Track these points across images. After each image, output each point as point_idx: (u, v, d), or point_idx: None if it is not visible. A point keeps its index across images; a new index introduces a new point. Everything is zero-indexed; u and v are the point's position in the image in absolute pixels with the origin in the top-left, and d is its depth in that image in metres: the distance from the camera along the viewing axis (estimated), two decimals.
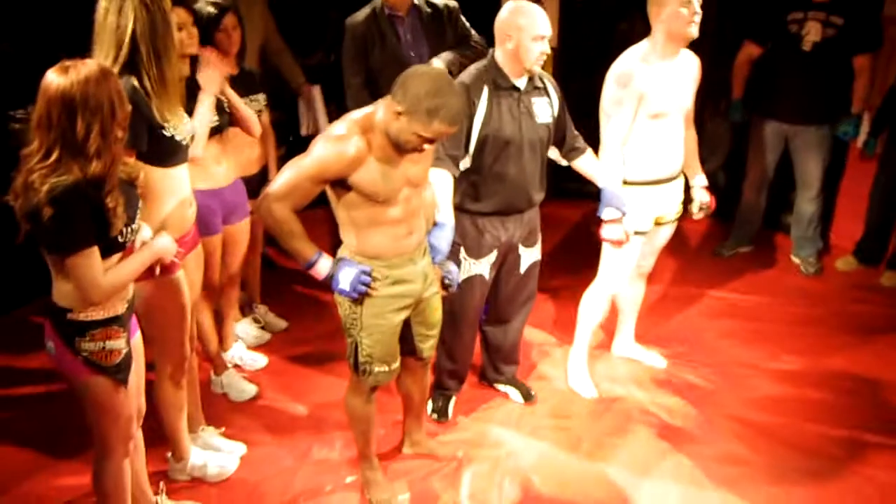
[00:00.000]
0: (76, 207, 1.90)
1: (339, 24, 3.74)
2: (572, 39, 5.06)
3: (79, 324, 2.05)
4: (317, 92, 4.09)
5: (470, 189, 2.84)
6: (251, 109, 3.23)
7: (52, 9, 6.31)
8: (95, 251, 1.97)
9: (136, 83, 2.27)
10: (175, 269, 2.50)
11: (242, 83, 3.22)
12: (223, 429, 3.04)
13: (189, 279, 2.61)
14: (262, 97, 3.35)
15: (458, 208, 2.83)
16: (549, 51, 2.71)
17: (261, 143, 3.45)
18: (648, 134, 2.97)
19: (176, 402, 2.68)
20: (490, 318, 3.18)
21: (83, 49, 2.26)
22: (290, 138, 4.35)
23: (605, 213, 2.92)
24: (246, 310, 3.81)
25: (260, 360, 3.55)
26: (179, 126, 2.42)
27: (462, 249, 2.90)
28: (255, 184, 3.26)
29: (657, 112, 2.94)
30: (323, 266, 2.34)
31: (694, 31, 2.85)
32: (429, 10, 3.54)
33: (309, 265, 2.34)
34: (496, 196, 2.83)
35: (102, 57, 2.25)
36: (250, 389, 3.33)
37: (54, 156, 1.90)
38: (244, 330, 3.70)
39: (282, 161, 3.50)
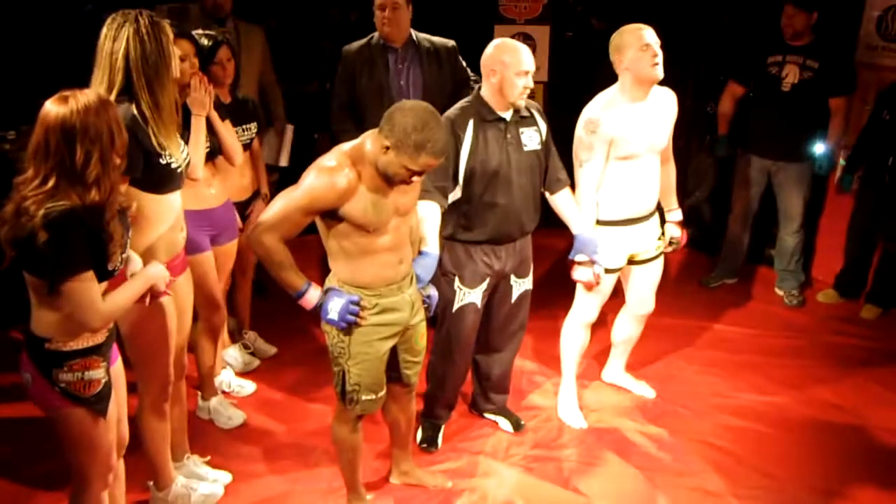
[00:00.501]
0: (73, 231, 1.89)
1: (334, 54, 3.81)
2: (562, 73, 5.16)
3: (57, 354, 2.02)
4: (290, 131, 4.17)
5: (462, 219, 2.87)
6: (243, 138, 3.29)
7: (46, 33, 6.33)
8: (92, 276, 1.95)
9: (134, 110, 2.30)
10: (162, 294, 2.51)
11: (235, 112, 3.28)
12: (208, 457, 3.01)
13: (179, 303, 2.61)
14: (254, 126, 3.40)
15: (452, 238, 2.87)
16: (532, 85, 2.76)
17: (252, 170, 3.48)
18: (619, 175, 3.02)
19: (159, 428, 2.64)
20: (481, 348, 3.19)
21: (81, 74, 2.30)
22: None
23: (577, 256, 3.00)
24: (235, 335, 3.80)
25: (248, 387, 3.54)
26: (176, 153, 2.43)
27: (457, 279, 2.93)
28: (246, 209, 3.29)
29: (627, 154, 2.99)
30: (312, 296, 2.36)
31: (658, 73, 2.91)
32: (427, 45, 3.62)
33: (298, 295, 2.36)
34: (487, 225, 2.87)
35: (98, 83, 2.28)
36: (237, 417, 3.31)
37: (51, 183, 1.89)
38: (233, 356, 3.68)
39: (275, 188, 3.54)
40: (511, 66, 2.72)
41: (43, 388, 2.04)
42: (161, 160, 2.37)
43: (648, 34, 2.91)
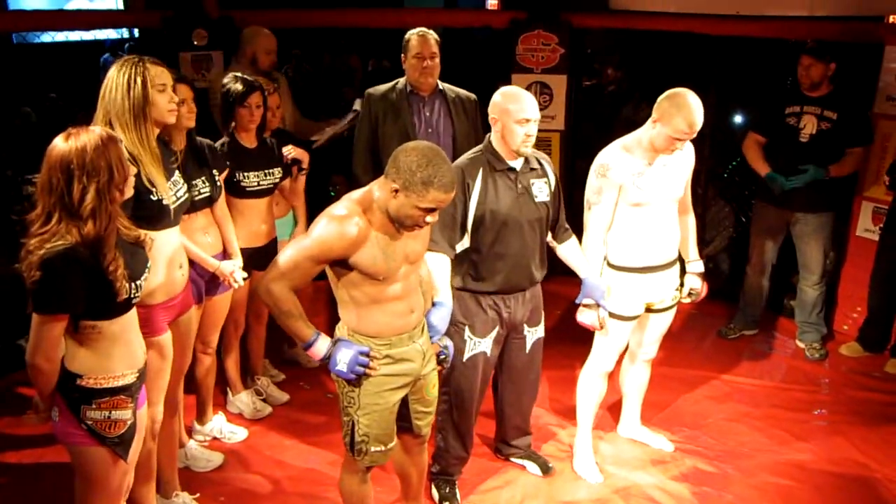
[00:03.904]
0: (66, 273, 1.94)
1: (352, 99, 3.87)
2: (579, 121, 5.20)
3: (88, 391, 2.06)
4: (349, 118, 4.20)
5: (471, 268, 2.86)
6: (265, 183, 3.35)
7: (73, 77, 6.52)
8: (61, 324, 1.99)
9: (124, 149, 2.37)
10: (161, 332, 2.54)
11: (258, 157, 3.36)
12: (197, 494, 2.99)
13: (179, 343, 2.64)
14: (277, 171, 3.43)
15: (461, 288, 2.86)
16: (534, 133, 2.75)
17: (270, 215, 3.49)
18: (634, 222, 3.00)
19: (144, 466, 2.59)
20: (500, 400, 3.17)
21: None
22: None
23: (584, 300, 2.98)
24: (248, 381, 3.77)
25: (239, 433, 3.50)
26: (165, 190, 2.52)
27: (466, 328, 2.90)
28: (262, 256, 3.30)
29: (638, 201, 2.97)
30: (321, 347, 2.33)
31: (678, 147, 2.90)
32: (453, 95, 3.68)
33: (307, 346, 2.34)
34: (498, 275, 2.85)
35: (96, 121, 2.43)
36: (216, 458, 3.29)
37: (54, 219, 1.96)
38: (244, 402, 3.65)
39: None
40: (511, 114, 2.72)
41: (69, 424, 2.07)
42: (151, 196, 2.48)
43: (698, 121, 2.83)
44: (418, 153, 2.22)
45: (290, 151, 3.52)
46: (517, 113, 2.72)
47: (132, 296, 2.10)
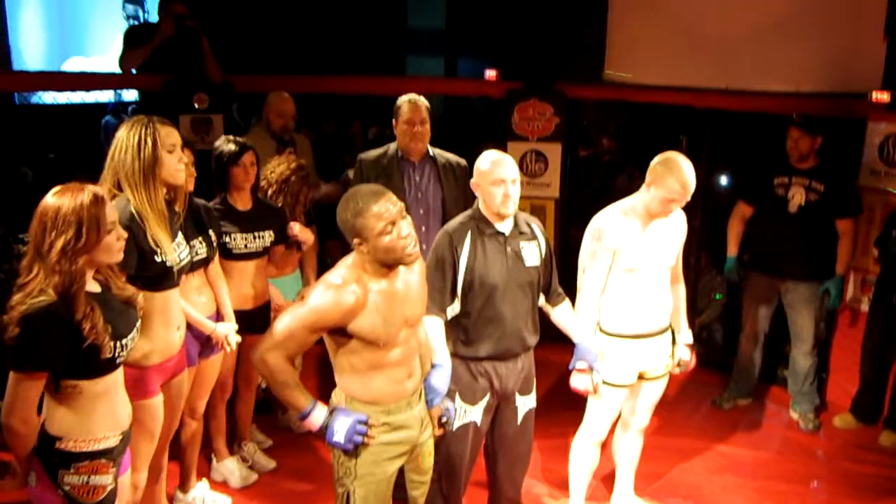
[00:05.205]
0: (44, 331, 1.92)
1: (351, 165, 3.94)
2: (574, 190, 5.27)
3: (66, 455, 2.00)
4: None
5: (462, 334, 2.84)
6: (254, 245, 3.37)
7: (73, 138, 6.60)
8: (39, 384, 1.96)
9: (132, 209, 2.42)
10: (153, 394, 2.51)
11: (250, 218, 3.38)
12: None
13: (169, 406, 2.61)
14: (268, 234, 3.44)
15: (452, 354, 2.82)
16: (514, 194, 2.75)
17: (263, 279, 3.50)
18: (627, 288, 3.02)
19: None
20: (491, 472, 3.10)
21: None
22: None
23: (578, 364, 2.96)
24: (234, 447, 3.69)
25: (221, 501, 3.39)
26: (169, 252, 2.53)
27: (458, 395, 2.87)
28: (249, 319, 3.29)
29: (632, 267, 2.99)
30: (317, 417, 2.28)
31: (672, 209, 2.94)
32: (443, 161, 3.75)
33: (303, 416, 2.29)
34: (489, 339, 2.83)
35: (103, 180, 2.46)
36: None
37: (34, 271, 1.96)
38: (230, 469, 3.56)
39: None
40: (486, 176, 2.75)
41: (46, 489, 2.01)
42: (156, 258, 2.48)
43: (691, 182, 2.88)
44: (341, 202, 2.28)
45: (295, 231, 3.56)
46: (492, 174, 2.74)
47: (117, 355, 2.07)
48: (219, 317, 3.11)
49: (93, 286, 2.09)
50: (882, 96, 4.12)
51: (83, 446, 2.02)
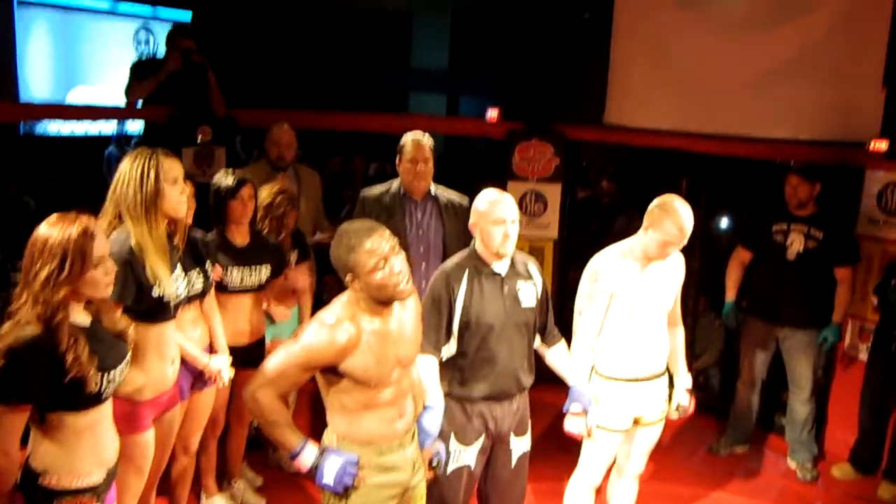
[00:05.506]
0: (29, 363, 1.90)
1: (353, 201, 3.95)
2: (572, 231, 5.29)
3: (48, 491, 1.96)
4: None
5: (457, 374, 2.82)
6: (249, 281, 3.35)
7: (75, 168, 6.65)
8: (22, 416, 1.93)
9: (132, 242, 2.41)
10: (145, 428, 2.48)
11: (246, 253, 3.37)
12: None
13: (160, 442, 2.57)
14: (265, 269, 3.42)
15: (447, 394, 2.80)
16: (513, 234, 2.74)
17: (258, 313, 3.48)
18: (624, 331, 3.00)
19: None
20: None
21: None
22: None
23: (572, 407, 2.93)
24: (223, 484, 3.62)
25: None
26: (167, 285, 2.51)
27: (452, 437, 2.83)
28: (244, 355, 3.26)
29: (629, 310, 2.98)
30: (307, 456, 2.24)
31: (670, 251, 2.94)
32: (445, 199, 3.77)
33: (293, 455, 2.25)
34: (484, 380, 2.80)
35: (104, 212, 2.44)
36: None
37: (23, 298, 1.95)
38: None
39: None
40: (485, 216, 2.74)
41: None
42: (153, 292, 2.46)
43: (688, 224, 2.89)
44: (335, 239, 2.28)
45: (296, 278, 3.58)
46: (492, 213, 2.74)
47: (103, 388, 2.03)
48: (212, 349, 3.09)
49: (82, 318, 2.06)
50: (880, 145, 4.14)
51: (66, 482, 1.98)
